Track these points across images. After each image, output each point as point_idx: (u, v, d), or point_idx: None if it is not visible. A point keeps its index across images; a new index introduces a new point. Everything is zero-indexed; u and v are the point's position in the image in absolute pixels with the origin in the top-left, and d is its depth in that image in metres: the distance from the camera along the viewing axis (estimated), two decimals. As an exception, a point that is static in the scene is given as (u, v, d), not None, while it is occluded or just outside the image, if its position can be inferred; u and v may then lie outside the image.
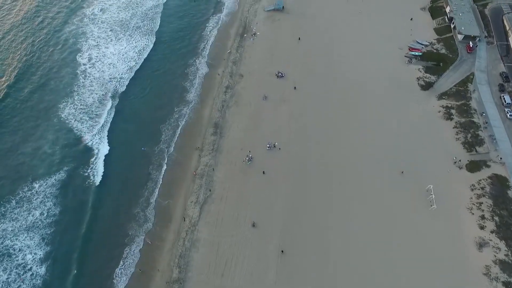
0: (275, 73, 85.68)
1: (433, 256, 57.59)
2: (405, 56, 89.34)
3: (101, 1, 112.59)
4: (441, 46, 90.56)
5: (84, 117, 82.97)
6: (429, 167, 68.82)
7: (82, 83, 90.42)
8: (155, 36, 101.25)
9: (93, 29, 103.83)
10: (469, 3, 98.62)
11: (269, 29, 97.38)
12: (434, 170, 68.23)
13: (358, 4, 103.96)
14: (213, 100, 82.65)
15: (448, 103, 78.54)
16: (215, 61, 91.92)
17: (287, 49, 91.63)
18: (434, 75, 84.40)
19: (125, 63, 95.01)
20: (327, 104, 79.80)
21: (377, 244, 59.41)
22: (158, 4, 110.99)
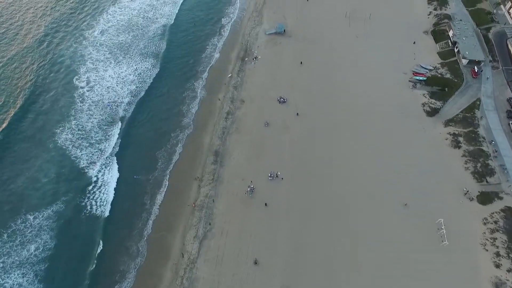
0: (277, 98, 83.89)
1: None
2: (409, 81, 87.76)
3: (101, 23, 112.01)
4: (446, 71, 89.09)
5: (83, 143, 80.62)
6: (437, 198, 66.15)
7: (80, 107, 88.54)
8: (155, 59, 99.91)
9: (91, 52, 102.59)
10: (472, 27, 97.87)
11: (270, 52, 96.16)
12: (443, 202, 65.53)
13: (360, 27, 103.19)
14: (214, 126, 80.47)
15: (455, 130, 76.36)
16: (216, 85, 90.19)
17: (289, 74, 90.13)
18: (440, 101, 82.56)
19: (125, 87, 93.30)
20: (330, 131, 77.62)
21: (386, 284, 56.06)
22: (159, 27, 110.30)
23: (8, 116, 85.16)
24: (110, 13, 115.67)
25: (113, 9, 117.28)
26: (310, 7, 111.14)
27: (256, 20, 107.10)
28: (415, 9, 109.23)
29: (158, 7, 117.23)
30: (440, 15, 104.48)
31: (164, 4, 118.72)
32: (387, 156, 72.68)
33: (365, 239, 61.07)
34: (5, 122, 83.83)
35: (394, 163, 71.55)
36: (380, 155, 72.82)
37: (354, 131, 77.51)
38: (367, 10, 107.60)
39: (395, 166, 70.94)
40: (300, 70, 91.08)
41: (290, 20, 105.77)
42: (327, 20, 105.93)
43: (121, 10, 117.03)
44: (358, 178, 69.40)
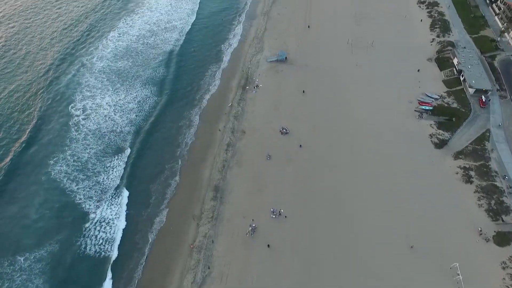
0: (279, 129, 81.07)
1: None
2: (415, 110, 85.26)
3: (100, 49, 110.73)
4: (452, 100, 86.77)
5: (79, 175, 77.10)
6: (450, 239, 62.15)
7: (75, 136, 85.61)
8: (155, 86, 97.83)
9: (89, 79, 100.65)
10: (476, 54, 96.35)
11: (272, 81, 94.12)
12: (456, 244, 61.47)
13: (363, 54, 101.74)
14: (214, 158, 77.24)
15: (465, 164, 73.15)
16: (216, 115, 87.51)
17: (291, 103, 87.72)
18: (448, 132, 79.75)
19: (124, 115, 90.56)
20: (334, 164, 74.32)
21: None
22: (159, 53, 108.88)
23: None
24: (110, 38, 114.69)
25: (112, 34, 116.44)
26: (311, 33, 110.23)
27: (257, 47, 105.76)
28: (417, 36, 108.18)
29: (158, 33, 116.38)
30: (443, 42, 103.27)
31: (164, 30, 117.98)
32: (393, 191, 69.12)
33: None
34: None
35: (401, 198, 67.92)
36: (386, 190, 69.26)
37: (359, 164, 74.20)
38: (369, 37, 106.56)
39: (402, 202, 67.27)
40: (302, 99, 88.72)
41: (291, 47, 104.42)
42: (329, 47, 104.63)
43: (120, 36, 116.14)
44: (364, 216, 65.54)
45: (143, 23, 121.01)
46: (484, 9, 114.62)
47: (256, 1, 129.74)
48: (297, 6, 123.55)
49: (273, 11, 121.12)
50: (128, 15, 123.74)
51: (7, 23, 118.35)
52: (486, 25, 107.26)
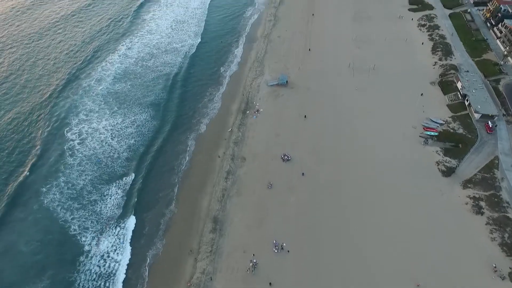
0: (281, 156, 78.54)
1: None
2: (420, 136, 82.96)
3: (99, 71, 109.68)
4: (458, 125, 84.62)
5: (73, 204, 74.00)
6: (462, 276, 58.42)
7: (69, 162, 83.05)
8: (154, 109, 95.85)
9: (87, 102, 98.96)
10: (480, 78, 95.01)
11: (273, 105, 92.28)
12: (468, 282, 57.73)
13: (365, 78, 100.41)
14: (213, 187, 74.28)
15: (475, 193, 70.20)
16: (215, 140, 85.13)
17: (292, 128, 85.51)
18: (455, 159, 77.17)
19: (122, 141, 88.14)
20: (338, 193, 71.31)
21: None
22: (158, 75, 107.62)
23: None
24: (110, 61, 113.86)
25: (112, 57, 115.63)
26: (312, 57, 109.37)
27: (257, 70, 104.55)
28: (419, 59, 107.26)
29: (158, 56, 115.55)
30: (445, 65, 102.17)
31: (165, 52, 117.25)
32: (400, 223, 65.85)
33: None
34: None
35: (408, 231, 64.57)
36: (392, 222, 65.98)
37: (364, 193, 71.16)
38: (371, 61, 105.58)
39: (409, 235, 63.89)
40: (304, 124, 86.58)
41: (292, 71, 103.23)
42: (330, 70, 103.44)
43: (120, 58, 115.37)
44: (369, 250, 62.02)
45: (142, 45, 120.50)
46: (485, 32, 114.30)
47: (256, 24, 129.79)
48: (298, 29, 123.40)
49: (274, 34, 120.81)
50: (128, 38, 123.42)
51: (9, 47, 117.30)
52: (488, 48, 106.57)
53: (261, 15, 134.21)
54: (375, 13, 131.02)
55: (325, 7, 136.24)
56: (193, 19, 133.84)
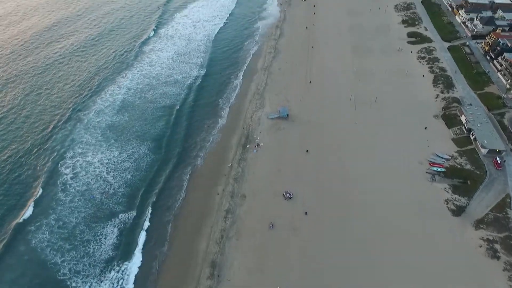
0: (283, 193, 75.25)
1: None
2: (426, 172, 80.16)
3: (98, 103, 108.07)
4: (465, 161, 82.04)
5: (64, 245, 69.60)
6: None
7: (61, 198, 79.42)
8: (152, 142, 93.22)
9: (83, 135, 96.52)
10: (484, 111, 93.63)
11: (274, 139, 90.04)
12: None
13: (367, 111, 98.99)
14: (211, 228, 70.34)
15: (488, 235, 66.39)
16: (215, 176, 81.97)
17: (294, 164, 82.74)
18: (464, 197, 73.93)
19: (118, 175, 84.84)
20: (343, 233, 67.42)
21: None
22: (156, 107, 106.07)
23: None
24: (109, 92, 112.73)
25: (111, 88, 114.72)
26: (313, 89, 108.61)
27: (258, 103, 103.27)
28: (421, 92, 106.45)
29: (157, 87, 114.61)
30: (448, 98, 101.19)
31: (165, 84, 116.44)
32: (409, 267, 61.63)
33: None
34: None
35: (419, 275, 60.25)
36: (400, 266, 61.77)
37: (370, 234, 67.32)
38: (372, 93, 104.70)
39: (420, 280, 59.53)
40: (306, 159, 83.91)
41: (293, 103, 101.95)
42: (332, 103, 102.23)
43: (120, 90, 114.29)
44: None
45: (142, 76, 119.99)
46: (485, 65, 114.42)
47: (257, 56, 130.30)
48: (298, 61, 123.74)
49: (274, 66, 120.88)
50: (130, 69, 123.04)
51: (12, 80, 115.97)
52: (490, 81, 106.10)
53: (262, 47, 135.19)
54: (374, 46, 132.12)
55: (324, 40, 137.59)
56: (195, 51, 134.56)
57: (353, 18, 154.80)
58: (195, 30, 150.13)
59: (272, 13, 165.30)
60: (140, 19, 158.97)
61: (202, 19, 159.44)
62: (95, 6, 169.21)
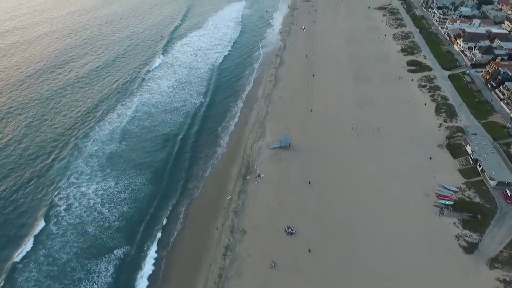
0: (285, 228, 71.69)
1: None
2: (434, 205, 76.97)
3: (96, 131, 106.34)
4: (473, 193, 79.05)
5: (54, 285, 65.00)
6: None
7: (53, 231, 75.76)
8: (149, 172, 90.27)
9: (80, 164, 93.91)
10: (489, 141, 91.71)
11: (275, 170, 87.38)
12: None
13: (370, 140, 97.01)
14: (209, 266, 66.29)
15: (505, 275, 62.35)
16: (213, 209, 78.66)
17: (296, 197, 79.63)
18: (476, 233, 70.36)
19: (114, 207, 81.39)
20: (349, 275, 63.01)
21: None
22: (156, 135, 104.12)
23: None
24: (108, 120, 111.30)
25: (111, 116, 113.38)
26: (314, 118, 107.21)
27: (258, 132, 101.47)
28: (423, 121, 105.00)
29: (155, 115, 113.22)
30: (451, 127, 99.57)
31: (164, 112, 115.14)
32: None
33: None
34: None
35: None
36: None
37: (377, 274, 63.06)
38: (374, 122, 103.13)
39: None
40: (309, 191, 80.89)
41: (294, 132, 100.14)
42: (334, 132, 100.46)
43: (119, 118, 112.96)
44: None
45: (141, 104, 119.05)
46: (487, 94, 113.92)
47: (257, 83, 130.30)
48: (298, 89, 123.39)
49: (275, 94, 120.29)
50: (129, 97, 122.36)
51: (15, 109, 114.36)
52: (493, 110, 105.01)
53: (262, 75, 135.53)
54: (374, 74, 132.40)
55: (324, 68, 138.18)
56: (196, 79, 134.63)
57: (352, 46, 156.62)
58: (196, 58, 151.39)
59: (272, 41, 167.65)
60: (144, 48, 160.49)
61: (203, 47, 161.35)
62: (100, 36, 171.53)
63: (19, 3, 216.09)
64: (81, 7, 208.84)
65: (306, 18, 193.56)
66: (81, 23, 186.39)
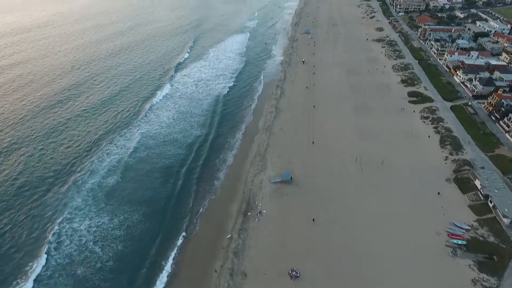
0: (288, 271, 66.90)
1: None
2: (446, 245, 72.59)
3: (95, 163, 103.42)
4: (487, 232, 74.88)
5: None
6: None
7: (41, 273, 70.91)
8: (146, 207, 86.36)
9: (75, 198, 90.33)
10: (499, 176, 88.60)
11: (277, 206, 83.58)
12: None
13: (374, 174, 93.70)
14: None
15: (529, 326, 57.24)
16: (212, 249, 74.23)
17: (300, 235, 75.38)
18: (493, 276, 65.59)
19: (107, 245, 77.07)
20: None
21: None
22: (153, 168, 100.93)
23: None
24: (106, 151, 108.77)
25: (109, 147, 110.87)
26: (316, 150, 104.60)
27: (259, 165, 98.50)
28: (428, 153, 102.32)
29: (153, 148, 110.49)
30: (458, 160, 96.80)
31: (163, 143, 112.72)
32: None
33: None
34: None
35: None
36: None
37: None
38: (378, 155, 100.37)
39: None
40: (313, 230, 76.67)
41: (296, 166, 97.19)
42: (337, 165, 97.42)
43: (117, 149, 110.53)
44: None
45: (140, 136, 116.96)
46: (492, 126, 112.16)
47: (258, 114, 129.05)
48: (300, 120, 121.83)
49: (276, 126, 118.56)
50: (128, 128, 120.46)
51: (16, 145, 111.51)
52: (500, 143, 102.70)
53: (263, 106, 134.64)
54: (375, 105, 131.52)
55: (325, 99, 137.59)
56: (196, 109, 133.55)
57: (353, 78, 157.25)
58: (197, 89, 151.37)
59: (272, 72, 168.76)
60: (147, 80, 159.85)
61: (204, 78, 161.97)
62: (104, 69, 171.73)
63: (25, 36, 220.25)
64: (88, 40, 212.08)
65: (306, 49, 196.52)
66: (86, 55, 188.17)
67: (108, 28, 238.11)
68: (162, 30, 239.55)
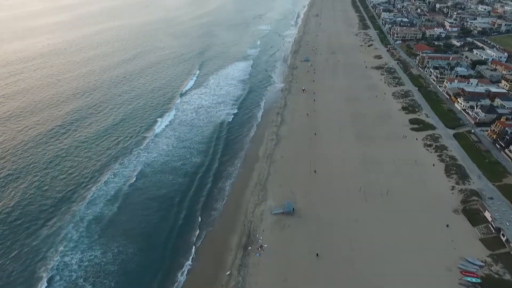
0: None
1: None
2: (459, 283, 68.27)
3: (93, 191, 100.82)
4: (502, 269, 70.73)
5: None
6: None
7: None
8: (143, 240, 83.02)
9: (70, 230, 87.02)
10: (509, 207, 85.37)
11: (278, 239, 79.81)
12: None
13: (379, 205, 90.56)
14: None
15: None
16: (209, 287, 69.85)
17: (303, 271, 71.20)
18: (512, 320, 61.11)
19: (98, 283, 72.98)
20: None
21: None
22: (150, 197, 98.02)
23: None
24: (103, 181, 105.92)
25: (107, 177, 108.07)
26: (319, 179, 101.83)
27: (260, 195, 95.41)
28: (434, 183, 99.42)
29: (150, 176, 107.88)
30: (465, 190, 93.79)
31: (161, 172, 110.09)
32: None
33: None
34: None
35: None
36: None
37: None
38: (382, 184, 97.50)
39: None
40: (317, 266, 72.57)
41: (298, 196, 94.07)
42: (340, 195, 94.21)
43: (114, 178, 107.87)
44: None
45: (139, 164, 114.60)
46: (497, 154, 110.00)
47: (258, 142, 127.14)
48: (301, 148, 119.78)
49: (276, 154, 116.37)
50: (127, 157, 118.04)
51: (16, 177, 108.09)
52: (506, 171, 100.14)
53: (263, 134, 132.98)
54: (377, 133, 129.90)
55: (326, 127, 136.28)
56: (196, 137, 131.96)
57: (353, 105, 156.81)
58: (197, 116, 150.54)
59: (272, 99, 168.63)
60: (150, 107, 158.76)
61: (204, 105, 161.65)
62: (107, 97, 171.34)
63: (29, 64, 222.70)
64: (91, 69, 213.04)
65: (306, 76, 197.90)
66: (90, 84, 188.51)
67: (112, 56, 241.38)
68: (165, 57, 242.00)
